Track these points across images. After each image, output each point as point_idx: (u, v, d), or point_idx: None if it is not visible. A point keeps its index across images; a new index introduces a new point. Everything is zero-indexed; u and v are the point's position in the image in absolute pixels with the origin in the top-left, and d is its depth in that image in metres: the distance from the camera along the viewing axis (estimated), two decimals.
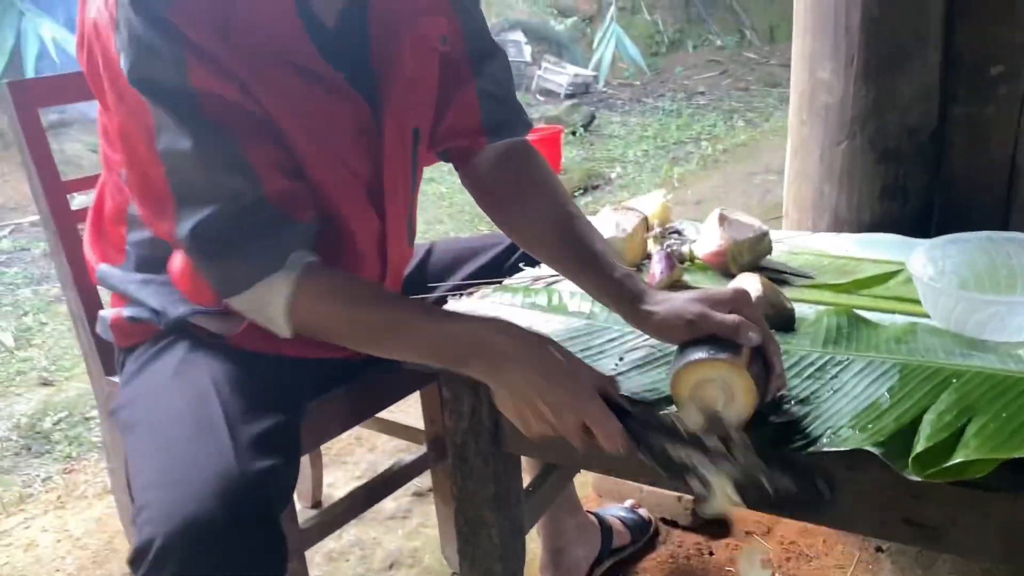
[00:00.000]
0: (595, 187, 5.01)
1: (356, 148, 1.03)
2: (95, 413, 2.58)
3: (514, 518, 1.19)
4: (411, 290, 1.30)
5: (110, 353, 1.37)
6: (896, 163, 1.47)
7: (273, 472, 0.86)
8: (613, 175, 5.23)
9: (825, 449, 0.82)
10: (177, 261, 1.02)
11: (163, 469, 0.85)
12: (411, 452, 1.50)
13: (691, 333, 0.87)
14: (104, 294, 1.25)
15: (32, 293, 3.79)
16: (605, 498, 1.74)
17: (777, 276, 1.29)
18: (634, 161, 5.51)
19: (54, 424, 2.53)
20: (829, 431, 0.84)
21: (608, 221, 1.38)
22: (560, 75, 7.15)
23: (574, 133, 6.36)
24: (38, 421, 2.55)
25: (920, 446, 0.79)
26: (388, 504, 1.74)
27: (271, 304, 0.94)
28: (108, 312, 1.12)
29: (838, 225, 1.53)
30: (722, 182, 4.36)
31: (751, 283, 1.12)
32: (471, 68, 1.11)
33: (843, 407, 0.88)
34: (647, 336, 0.99)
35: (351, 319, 0.96)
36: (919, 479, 0.77)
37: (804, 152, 1.55)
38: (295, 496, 1.27)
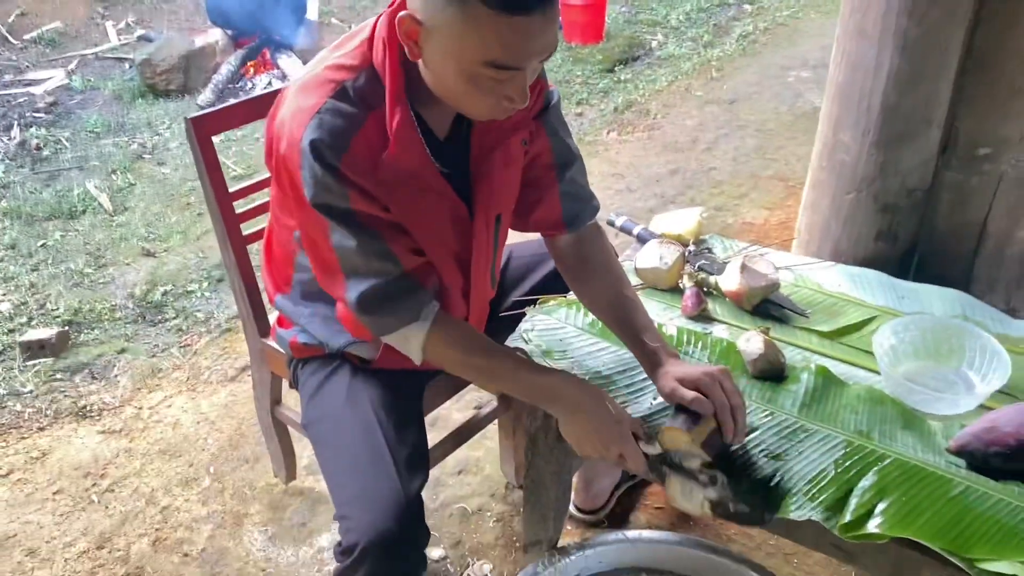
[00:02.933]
0: (636, 58, 5.15)
1: (453, 232, 1.40)
2: (195, 287, 3.04)
3: (567, 483, 1.67)
4: (497, 296, 1.69)
5: (264, 321, 1.81)
6: (892, 213, 1.82)
7: (421, 486, 1.33)
8: (654, 43, 5.35)
9: (791, 517, 1.26)
10: (341, 308, 1.42)
11: (357, 492, 1.30)
12: (479, 400, 1.96)
13: (671, 401, 1.31)
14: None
15: (114, 146, 4.11)
16: None
17: (779, 311, 1.69)
18: (675, 27, 5.60)
19: (162, 296, 2.98)
20: (791, 493, 1.29)
21: (653, 253, 1.75)
22: None
23: None
24: (148, 292, 2.99)
25: (846, 518, 1.23)
26: (456, 417, 2.22)
27: (410, 342, 1.35)
28: (286, 333, 1.55)
29: (838, 255, 1.90)
30: (757, 78, 4.53)
31: (756, 342, 1.52)
32: (556, 176, 1.46)
33: (802, 470, 1.32)
34: None
35: (464, 362, 1.38)
36: (845, 538, 1.22)
37: (819, 192, 1.89)
38: None
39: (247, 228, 1.77)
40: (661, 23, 5.67)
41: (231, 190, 1.73)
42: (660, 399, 1.47)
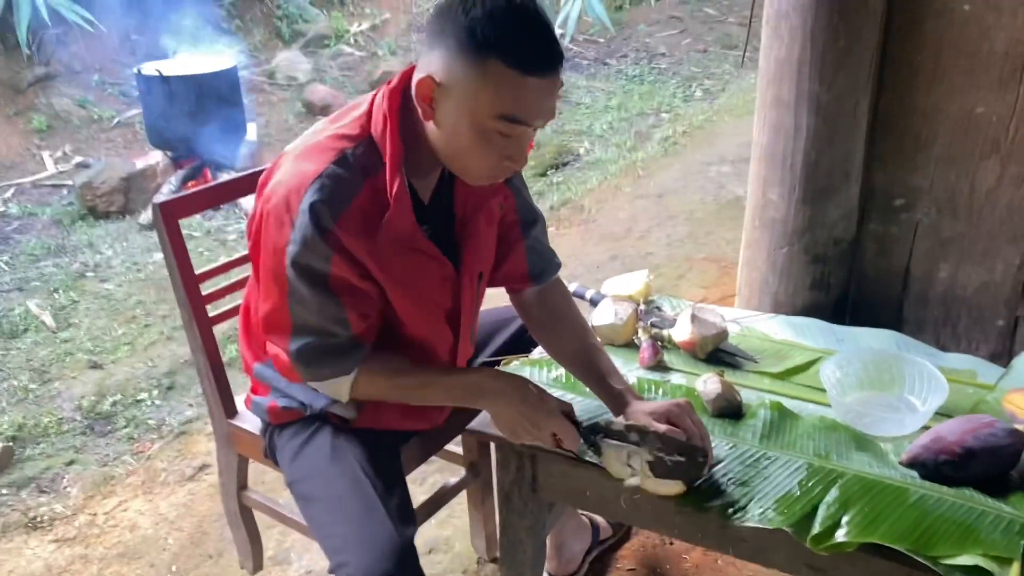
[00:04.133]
0: (566, 163, 5.41)
1: (441, 291, 1.48)
2: (144, 396, 3.01)
3: (541, 537, 1.69)
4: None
5: (230, 403, 1.82)
6: (823, 264, 1.96)
7: (413, 534, 1.35)
8: (581, 150, 5.62)
9: (760, 525, 1.32)
10: (275, 350, 1.45)
11: (352, 538, 1.31)
12: (449, 471, 1.98)
13: None
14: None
15: (55, 266, 4.09)
16: None
17: (731, 359, 1.78)
18: (600, 135, 5.91)
19: (111, 406, 2.94)
20: (760, 511, 1.34)
21: (608, 311, 1.85)
22: None
23: None
24: (96, 403, 2.95)
25: (815, 530, 1.29)
26: (421, 499, 2.22)
27: (340, 386, 1.41)
28: (263, 400, 1.57)
29: (777, 307, 2.02)
30: (681, 174, 4.80)
31: (712, 383, 1.61)
32: (521, 232, 1.56)
33: (769, 491, 1.38)
34: None
35: (391, 385, 1.44)
36: (816, 551, 1.28)
37: (754, 249, 2.03)
38: None
39: (212, 311, 1.80)
40: (586, 132, 5.99)
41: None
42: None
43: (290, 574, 2.07)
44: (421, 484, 2.37)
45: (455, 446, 2.00)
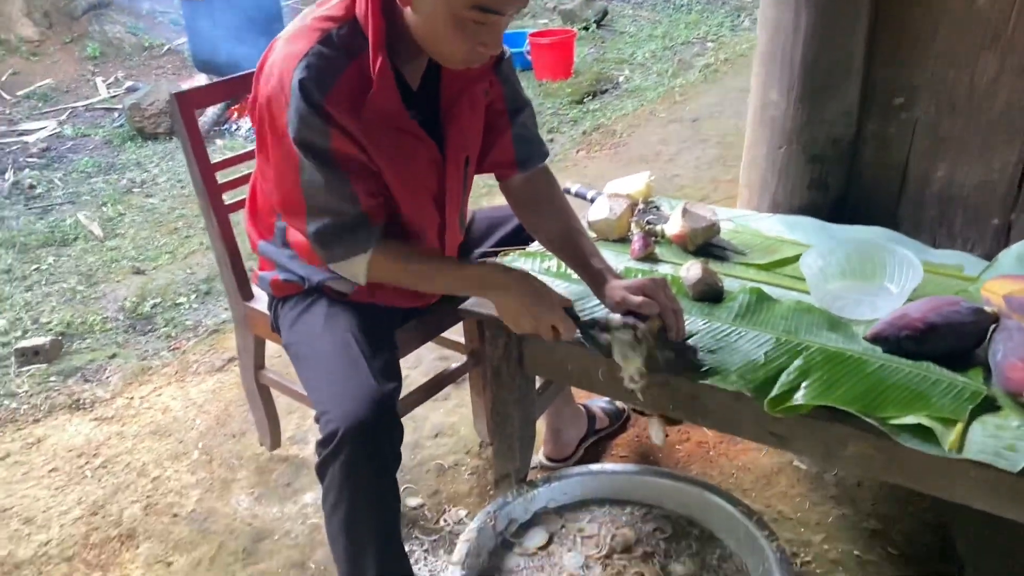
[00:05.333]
0: (604, 91, 5.39)
1: (428, 173, 1.56)
2: (183, 300, 3.17)
3: (529, 413, 1.79)
4: (461, 253, 1.84)
5: (246, 287, 1.94)
6: (821, 163, 1.98)
7: (395, 390, 1.45)
8: (621, 78, 5.59)
9: (720, 386, 1.39)
10: (296, 236, 1.55)
11: (334, 390, 1.42)
12: (448, 354, 2.09)
13: (620, 309, 1.44)
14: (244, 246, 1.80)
15: (105, 183, 4.29)
16: (594, 393, 2.35)
17: (721, 252, 1.84)
18: (641, 64, 5.86)
19: (152, 308, 3.11)
20: (724, 376, 1.41)
21: (603, 206, 1.91)
22: None
23: (587, 29, 6.65)
24: (138, 305, 3.12)
25: (773, 392, 1.36)
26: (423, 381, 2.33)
27: (356, 267, 1.49)
28: (267, 274, 1.68)
29: (776, 206, 2.05)
30: (718, 100, 4.76)
31: (695, 269, 1.67)
32: (508, 120, 1.62)
33: (736, 360, 1.45)
34: None
35: (404, 270, 1.52)
36: (772, 413, 1.34)
37: (755, 149, 2.06)
38: None
39: (228, 199, 1.91)
40: (628, 60, 5.94)
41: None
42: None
43: (306, 452, 2.22)
44: (419, 365, 2.50)
45: (457, 335, 2.10)
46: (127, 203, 4.03)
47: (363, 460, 1.35)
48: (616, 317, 1.44)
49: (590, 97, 5.25)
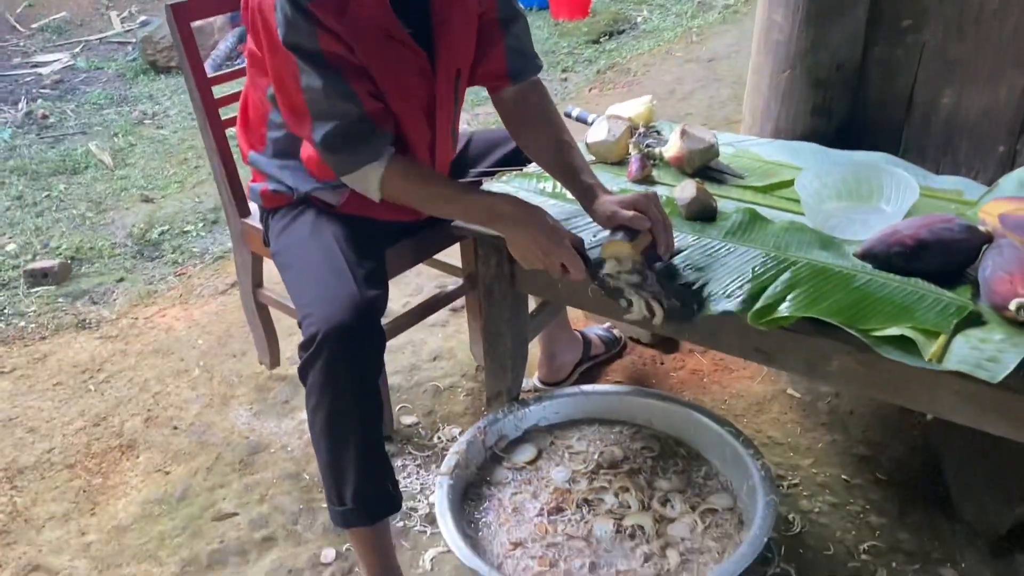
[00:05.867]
0: (620, 31, 5.30)
1: (418, 84, 1.54)
2: (190, 228, 3.19)
3: (521, 332, 1.79)
4: (456, 172, 1.84)
5: (243, 204, 1.95)
6: (825, 89, 1.95)
7: (377, 298, 1.46)
8: (639, 19, 5.50)
9: (708, 313, 1.39)
10: (307, 151, 1.56)
11: (316, 294, 1.43)
12: (450, 282, 2.10)
13: (611, 223, 1.43)
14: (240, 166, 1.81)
15: (116, 114, 4.29)
16: (590, 320, 2.36)
17: (718, 175, 1.82)
18: (660, 4, 5.75)
19: (159, 235, 3.13)
20: (712, 293, 1.41)
21: (602, 128, 1.89)
22: None
23: None
24: (146, 232, 3.15)
25: (758, 305, 1.36)
26: (431, 316, 2.34)
27: (370, 180, 1.49)
28: (257, 185, 1.69)
29: (778, 132, 2.02)
30: (736, 40, 4.67)
31: (689, 188, 1.65)
32: (501, 30, 1.59)
33: (722, 276, 1.44)
34: None
35: (419, 192, 1.52)
36: (756, 325, 1.34)
37: (759, 75, 2.03)
38: None
39: (224, 114, 1.91)
40: (647, 1, 5.83)
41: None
42: (599, 236, 1.60)
43: None
44: (419, 293, 2.52)
45: (455, 259, 2.10)
46: (138, 134, 4.04)
47: (343, 363, 1.37)
48: (632, 277, 1.42)
49: (606, 37, 5.17)
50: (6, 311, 2.66)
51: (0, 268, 2.92)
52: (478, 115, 4.03)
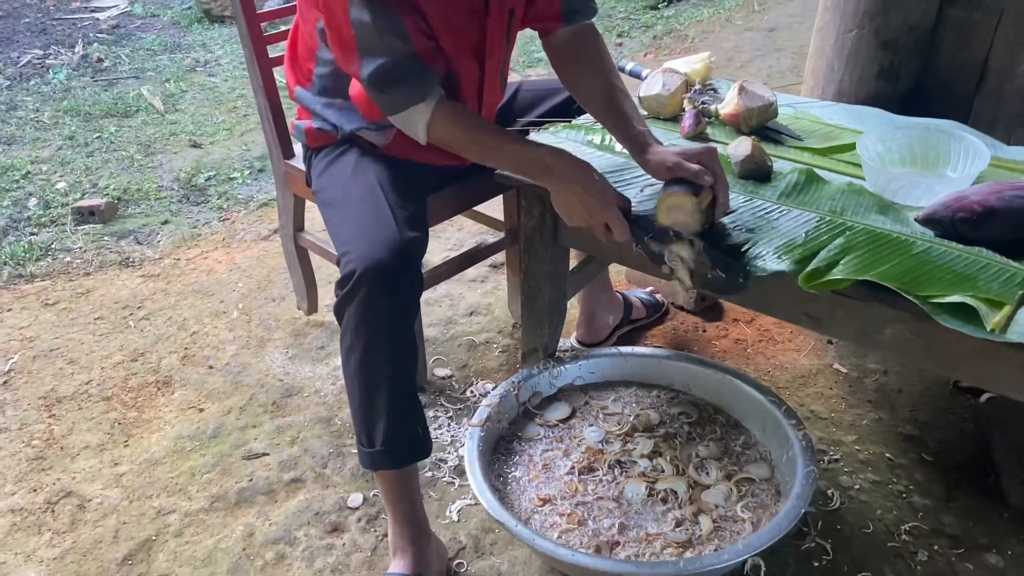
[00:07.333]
0: None
1: (470, 21, 1.49)
2: (236, 175, 3.19)
3: (560, 288, 1.75)
4: (502, 121, 1.79)
5: (288, 145, 1.92)
6: (894, 51, 1.85)
7: (416, 240, 1.42)
8: None
9: (755, 271, 1.33)
10: (356, 88, 1.52)
11: (356, 232, 1.40)
12: (491, 235, 2.06)
13: (669, 175, 1.37)
14: (287, 105, 1.78)
15: (169, 60, 4.31)
16: (633, 283, 2.31)
17: (776, 136, 1.75)
18: None
19: (206, 180, 3.14)
20: (762, 254, 1.35)
21: (656, 81, 1.83)
22: None
23: None
24: (193, 177, 3.16)
25: (811, 267, 1.29)
26: (471, 271, 2.32)
27: (416, 121, 1.45)
28: (302, 123, 1.66)
29: (840, 96, 1.94)
30: (800, 9, 4.52)
31: (744, 144, 1.59)
32: None
33: (773, 238, 1.38)
34: None
35: (466, 138, 1.47)
36: (807, 288, 1.28)
37: (823, 34, 1.94)
38: None
39: (273, 52, 1.88)
40: None
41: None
42: (646, 191, 1.54)
43: None
44: (460, 248, 2.49)
45: (497, 212, 2.06)
46: (189, 81, 4.05)
47: (380, 303, 1.34)
48: (665, 222, 1.36)
49: (664, 3, 5.05)
50: (53, 246, 2.69)
51: (50, 205, 2.96)
52: (529, 76, 3.96)
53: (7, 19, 4.87)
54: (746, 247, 1.37)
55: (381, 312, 1.35)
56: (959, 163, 1.54)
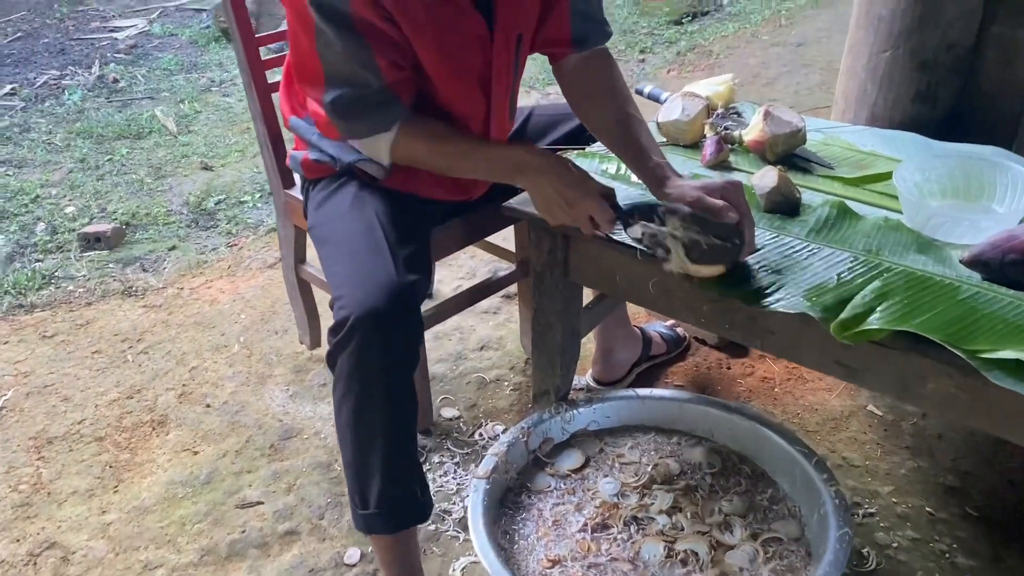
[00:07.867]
0: (705, 13, 5.06)
1: (472, 50, 1.39)
2: (247, 198, 3.12)
3: (573, 325, 1.64)
4: None
5: (288, 174, 1.83)
6: (931, 72, 1.73)
7: (416, 283, 1.32)
8: (725, 1, 5.24)
9: (781, 309, 1.21)
10: (314, 105, 1.42)
11: (351, 274, 1.30)
12: (503, 267, 1.96)
13: (694, 210, 1.26)
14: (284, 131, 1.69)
15: (185, 81, 4.27)
16: (652, 316, 2.19)
17: (804, 164, 1.63)
18: None
19: (215, 204, 3.07)
20: (788, 297, 1.23)
21: (675, 105, 1.72)
22: None
23: None
24: (202, 200, 3.09)
25: (844, 315, 1.17)
26: (483, 303, 2.21)
27: (379, 146, 1.37)
28: (299, 153, 1.56)
29: (874, 120, 1.82)
30: (828, 24, 4.40)
31: (770, 175, 1.47)
32: None
33: (803, 280, 1.26)
34: None
35: (430, 150, 1.39)
36: (839, 338, 1.16)
37: (855, 53, 1.82)
38: None
39: (273, 77, 1.80)
40: None
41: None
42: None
43: None
44: (472, 277, 2.39)
45: (508, 243, 1.96)
46: (204, 101, 4.00)
47: (374, 352, 1.23)
48: (661, 203, 1.27)
49: (689, 18, 4.94)
50: (57, 274, 2.62)
51: (57, 230, 2.90)
52: (549, 95, 3.86)
53: (27, 39, 4.87)
54: (771, 289, 1.25)
55: (376, 362, 1.25)
56: (1005, 195, 1.41)
